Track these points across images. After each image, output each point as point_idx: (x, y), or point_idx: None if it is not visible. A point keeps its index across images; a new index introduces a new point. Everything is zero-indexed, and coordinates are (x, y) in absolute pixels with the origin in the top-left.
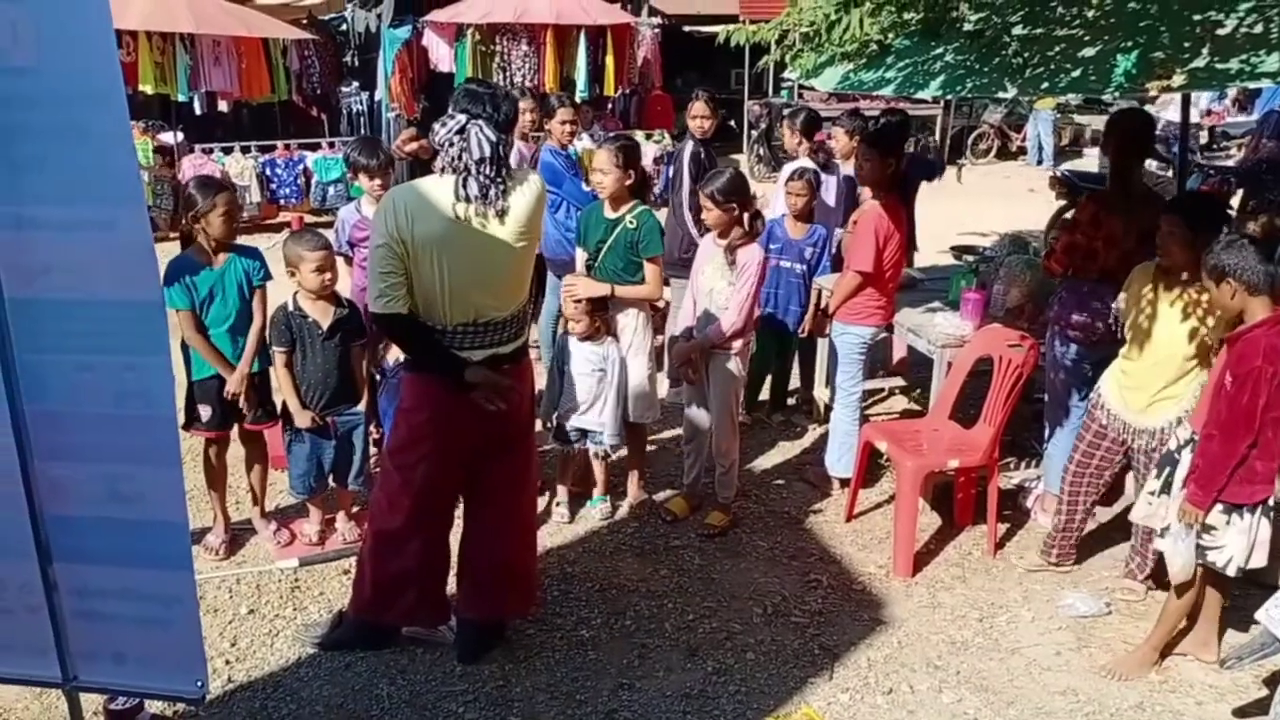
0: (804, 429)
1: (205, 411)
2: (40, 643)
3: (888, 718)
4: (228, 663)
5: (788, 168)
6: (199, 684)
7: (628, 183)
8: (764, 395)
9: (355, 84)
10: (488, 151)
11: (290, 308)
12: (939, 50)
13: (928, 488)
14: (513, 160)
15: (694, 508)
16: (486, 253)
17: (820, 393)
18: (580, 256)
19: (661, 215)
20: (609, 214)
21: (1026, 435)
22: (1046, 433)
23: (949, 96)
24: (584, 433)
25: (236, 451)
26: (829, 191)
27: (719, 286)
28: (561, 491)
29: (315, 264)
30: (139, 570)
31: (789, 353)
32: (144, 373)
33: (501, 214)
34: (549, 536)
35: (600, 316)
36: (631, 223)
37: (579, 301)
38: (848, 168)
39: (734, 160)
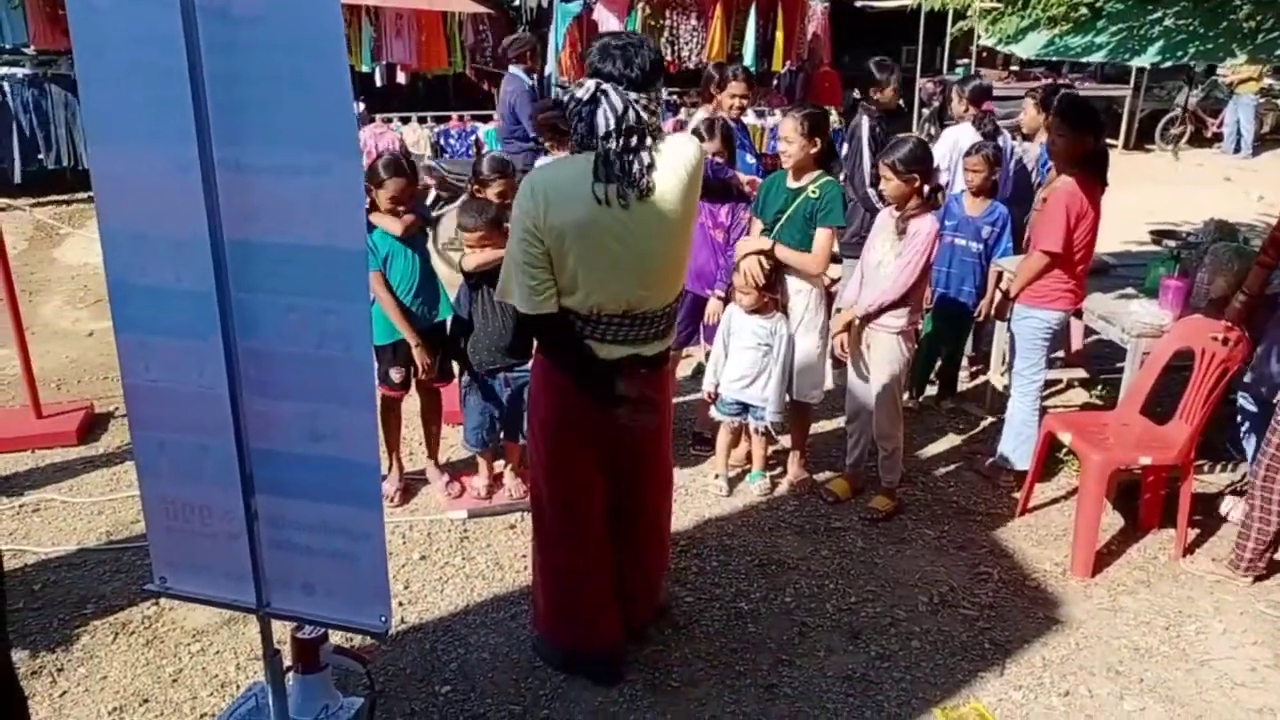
0: (976, 417)
1: (397, 375)
2: (239, 568)
3: None
4: (401, 604)
5: (949, 133)
6: (383, 619)
7: (813, 151)
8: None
9: None
10: (613, 123)
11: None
12: (1157, 14)
13: (1112, 485)
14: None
15: (856, 490)
16: (635, 238)
17: (996, 380)
18: (756, 227)
19: None
20: (791, 184)
21: (1222, 437)
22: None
23: (1167, 64)
24: (745, 407)
25: (412, 406)
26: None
27: (887, 259)
28: (720, 464)
29: (470, 242)
30: (332, 506)
31: (962, 336)
32: (345, 318)
33: (647, 191)
34: (707, 507)
35: (769, 292)
36: (814, 192)
37: (749, 275)
38: (1029, 149)
39: None
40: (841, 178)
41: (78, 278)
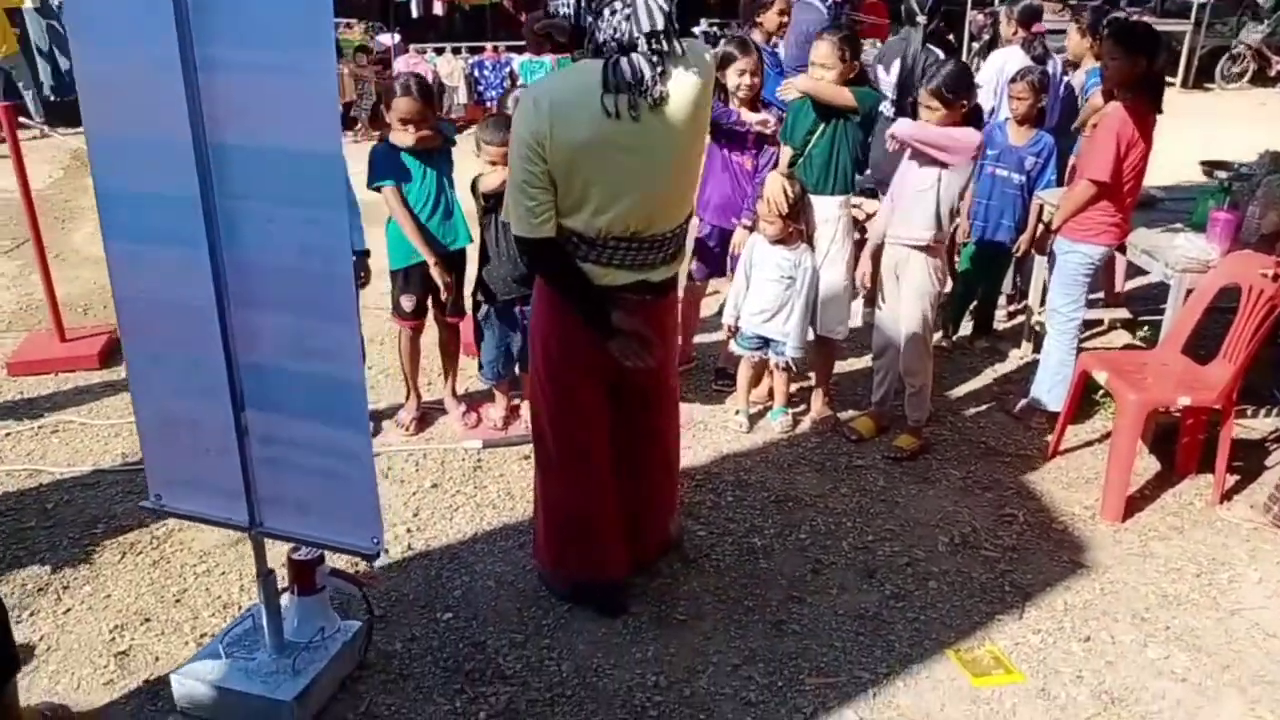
0: (1009, 356)
1: (408, 303)
2: (231, 485)
3: (1083, 666)
4: (409, 530)
5: (995, 56)
6: (375, 541)
7: (850, 76)
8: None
9: None
10: (660, 22)
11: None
12: None
13: (1149, 428)
14: None
15: (881, 429)
16: (645, 152)
17: (1035, 318)
18: (785, 154)
19: None
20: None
21: (1268, 380)
22: None
23: None
24: (766, 341)
25: (430, 338)
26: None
27: (927, 184)
28: (740, 399)
29: (491, 158)
30: (320, 424)
31: (999, 272)
32: (324, 227)
33: (660, 101)
34: (726, 443)
35: (794, 222)
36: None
37: (774, 202)
38: (1075, 77)
39: None
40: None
41: None
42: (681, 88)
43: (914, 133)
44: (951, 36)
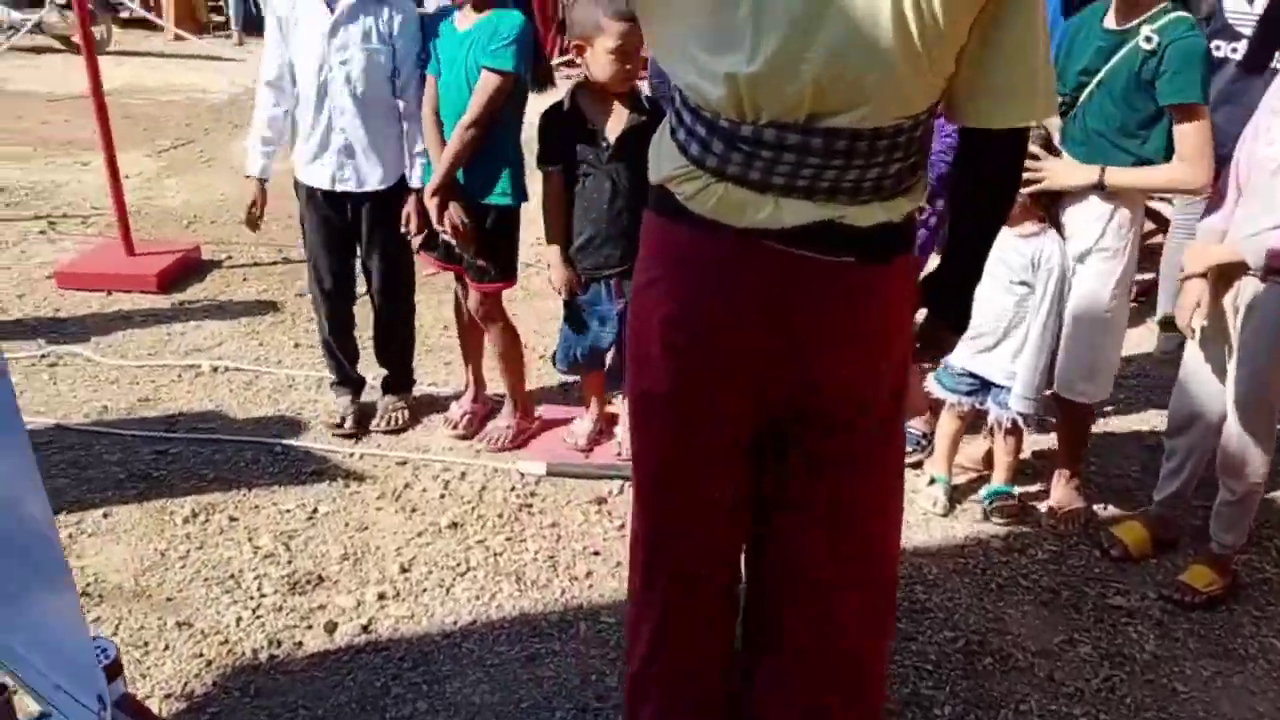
0: None
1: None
2: None
3: None
4: (380, 599)
5: None
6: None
7: None
8: None
9: None
10: None
11: (566, 106)
12: None
13: None
14: None
15: (1159, 543)
16: None
17: None
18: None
19: None
20: (1112, 23)
21: None
22: None
23: None
24: (984, 383)
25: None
26: None
27: None
28: (939, 464)
29: (615, 39)
30: None
31: None
32: None
33: None
34: (908, 531)
35: (1036, 203)
36: (1149, 41)
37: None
38: None
39: None
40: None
41: None
42: None
43: None
44: None
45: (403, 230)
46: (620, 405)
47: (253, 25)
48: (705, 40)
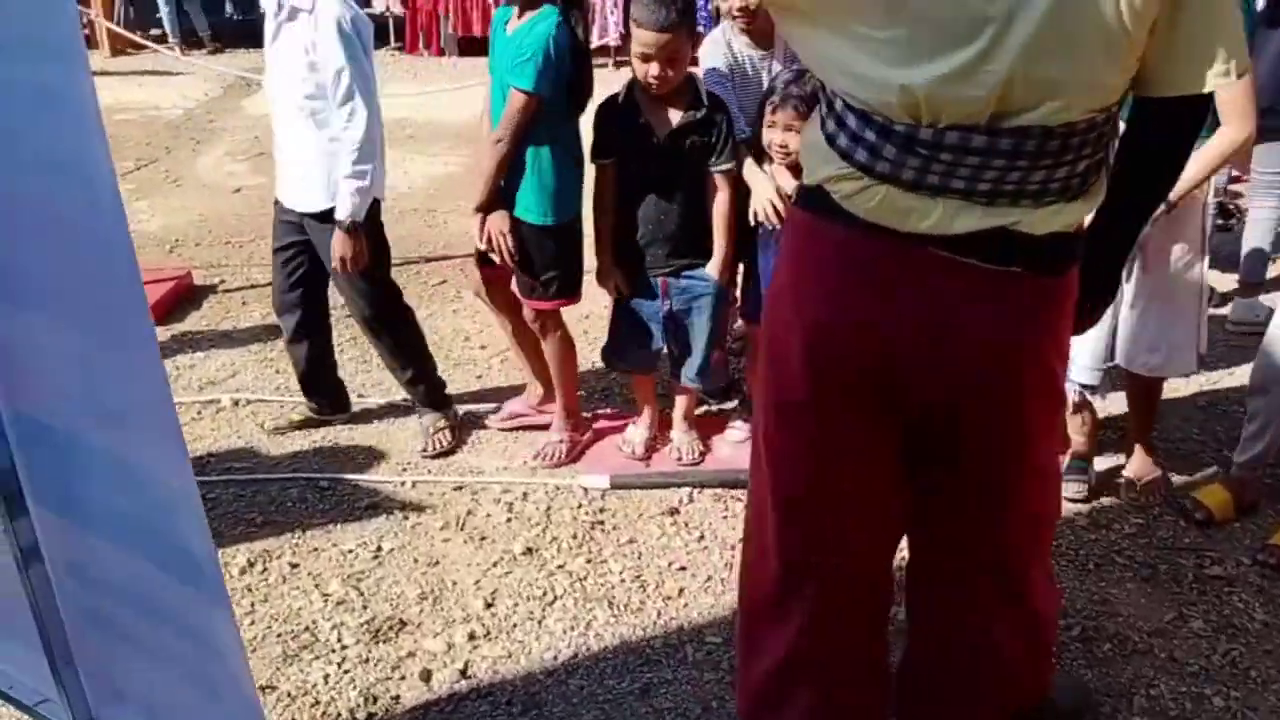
0: None
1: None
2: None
3: None
4: (472, 638)
5: None
6: None
7: None
8: None
9: None
10: None
11: (622, 98)
12: None
13: None
14: None
15: (1240, 507)
16: None
17: None
18: None
19: None
20: None
21: None
22: None
23: None
24: None
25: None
26: None
27: None
28: None
29: (640, 45)
30: (145, 561)
31: None
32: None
33: None
34: None
35: None
36: None
37: None
38: None
39: None
40: None
41: (253, 128)
42: None
43: None
44: None
45: (333, 268)
46: (678, 404)
47: (192, 37)
48: (874, 48)
